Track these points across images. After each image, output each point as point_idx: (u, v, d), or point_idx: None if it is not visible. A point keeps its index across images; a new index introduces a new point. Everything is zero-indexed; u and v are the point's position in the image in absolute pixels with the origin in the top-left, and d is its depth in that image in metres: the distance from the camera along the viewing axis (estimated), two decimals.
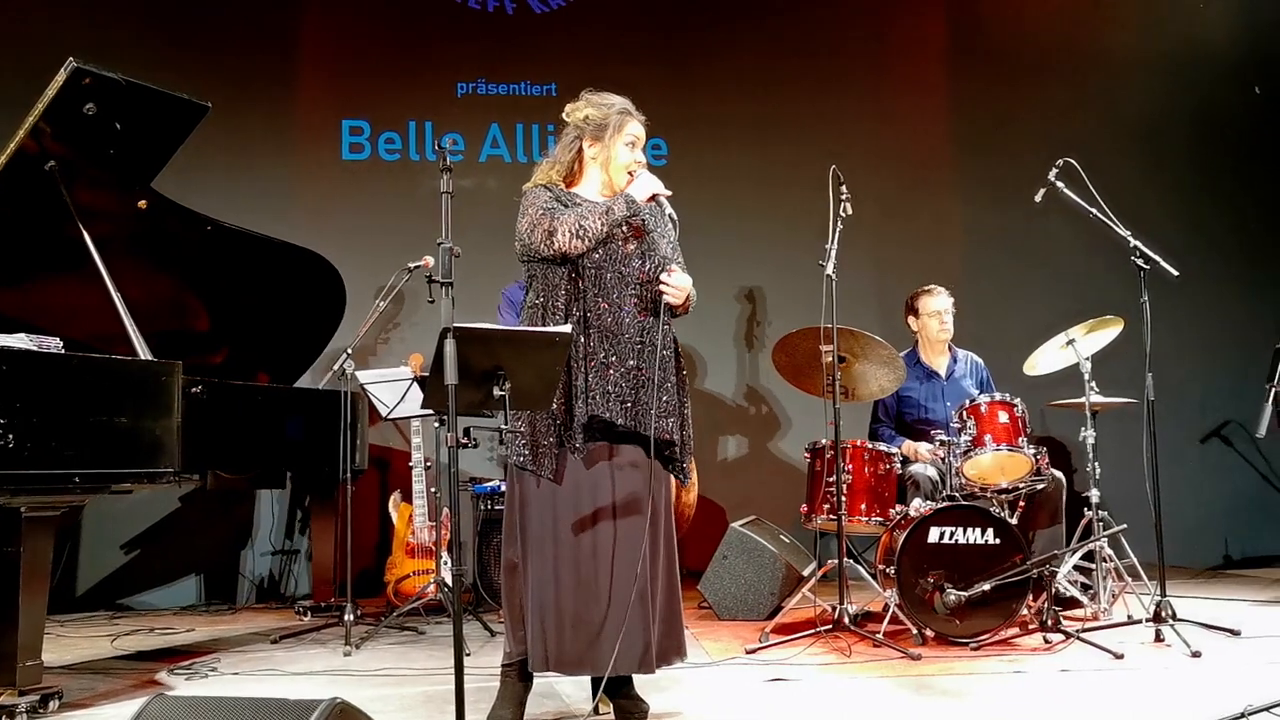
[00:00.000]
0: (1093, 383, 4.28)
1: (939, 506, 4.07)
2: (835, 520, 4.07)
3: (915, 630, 3.97)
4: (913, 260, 6.22)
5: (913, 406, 4.84)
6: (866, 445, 4.40)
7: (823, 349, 4.12)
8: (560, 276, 2.85)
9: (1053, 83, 6.56)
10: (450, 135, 6.03)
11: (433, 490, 4.94)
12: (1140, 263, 4.11)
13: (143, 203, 3.87)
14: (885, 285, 6.11)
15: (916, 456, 4.62)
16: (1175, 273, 4.12)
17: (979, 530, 3.99)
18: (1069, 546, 4.32)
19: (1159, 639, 3.84)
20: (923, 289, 4.93)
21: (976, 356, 5.02)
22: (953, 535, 3.99)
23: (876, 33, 6.57)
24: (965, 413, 4.29)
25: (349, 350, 4.49)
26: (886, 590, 4.11)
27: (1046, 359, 4.49)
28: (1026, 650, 3.85)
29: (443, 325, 2.52)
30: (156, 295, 4.17)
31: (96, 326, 3.64)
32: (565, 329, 2.70)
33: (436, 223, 2.67)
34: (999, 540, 3.97)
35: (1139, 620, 3.97)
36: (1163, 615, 3.88)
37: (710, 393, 6.23)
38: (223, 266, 4.37)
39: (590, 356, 2.82)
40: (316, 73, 6.16)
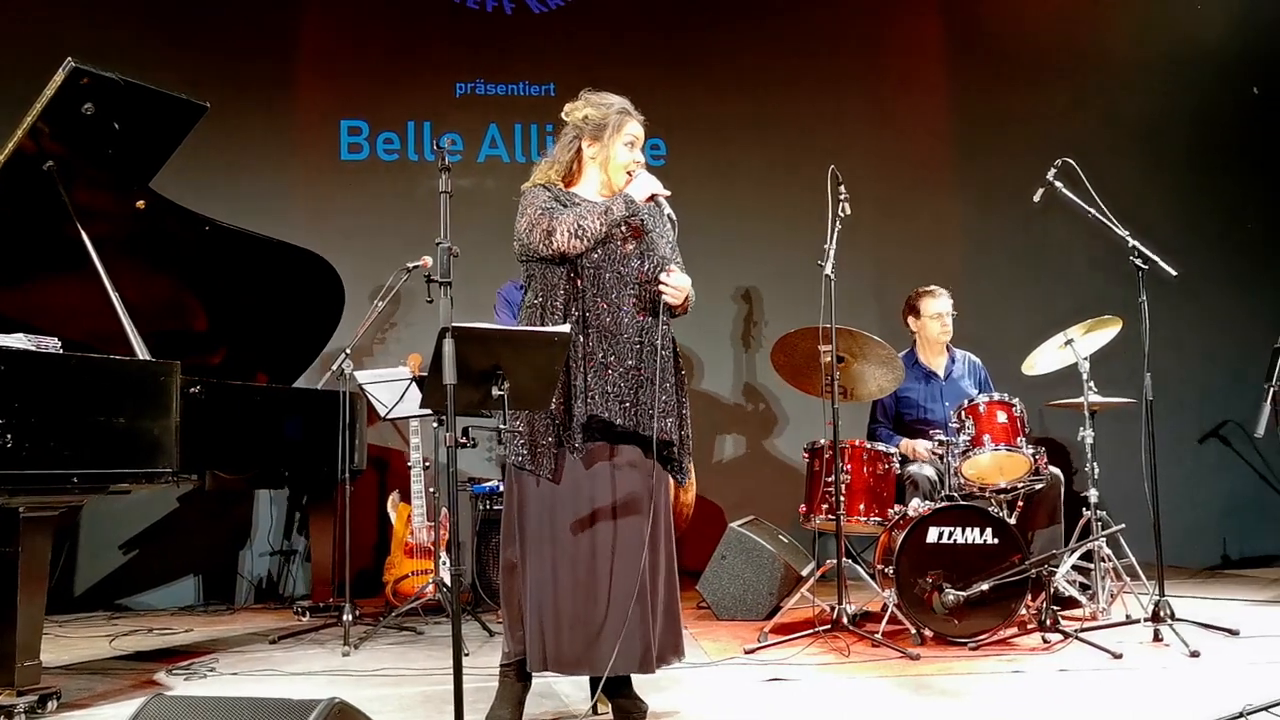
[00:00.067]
0: (1091, 383, 4.29)
1: (937, 506, 4.07)
2: (834, 520, 4.07)
3: (914, 630, 3.97)
4: (911, 260, 6.22)
5: (911, 407, 4.84)
6: (865, 445, 4.40)
7: (821, 349, 4.12)
8: (559, 276, 2.85)
9: (1051, 83, 6.56)
10: (449, 135, 5.94)
11: (431, 490, 4.94)
12: (1138, 263, 4.11)
13: (141, 203, 3.87)
14: (884, 285, 6.11)
15: (914, 455, 4.62)
16: (1174, 272, 4.12)
17: (978, 530, 3.99)
18: (1067, 546, 4.32)
19: (1157, 639, 3.84)
20: (924, 290, 4.92)
21: (975, 356, 5.02)
22: (951, 535, 3.99)
23: (875, 33, 6.57)
24: (964, 413, 4.29)
25: (347, 350, 4.48)
26: (885, 590, 4.11)
27: (1045, 359, 4.49)
28: (1025, 650, 3.85)
29: (441, 325, 2.52)
30: (155, 295, 4.16)
31: (95, 326, 3.64)
32: (564, 329, 2.69)
33: (435, 223, 2.67)
34: (997, 540, 3.98)
35: (1137, 620, 3.98)
36: (1161, 615, 3.89)
37: (709, 393, 6.23)
38: (221, 267, 4.37)
39: (589, 356, 2.82)
40: (315, 73, 6.16)
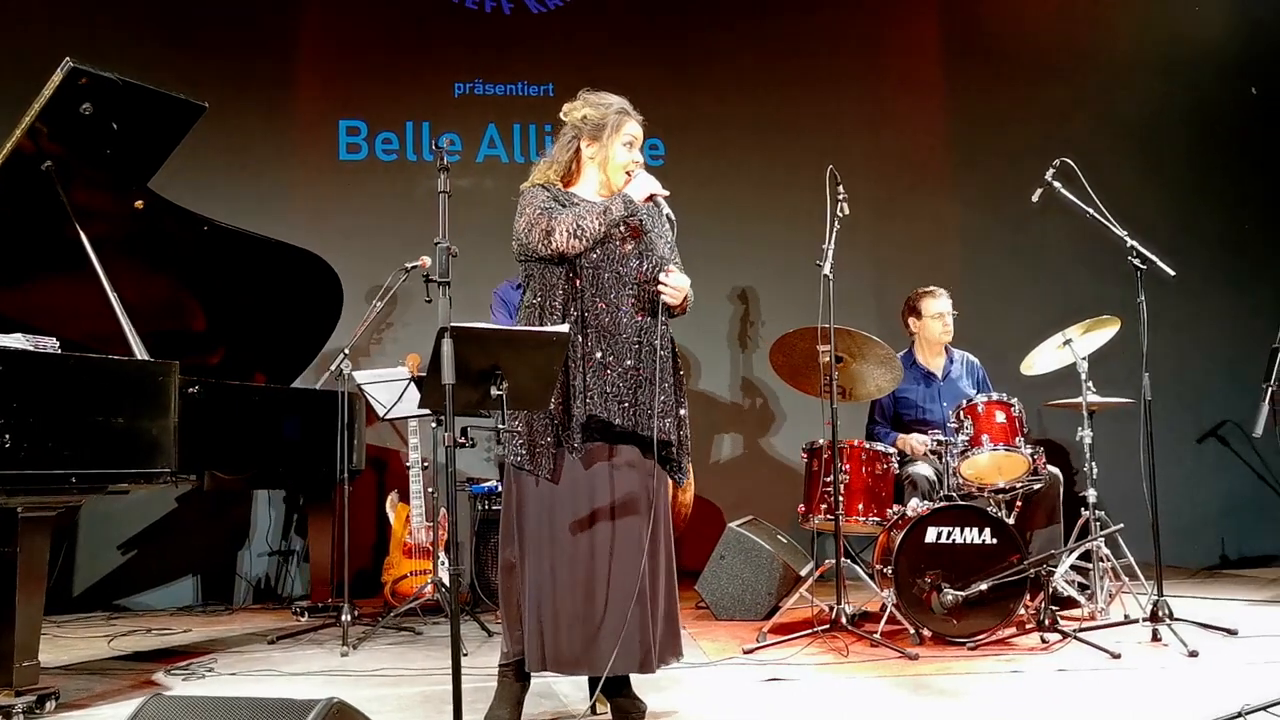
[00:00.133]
0: (1089, 382, 4.29)
1: (936, 506, 4.07)
2: (833, 520, 4.07)
3: (913, 630, 3.97)
4: (910, 260, 6.22)
5: (910, 407, 4.84)
6: (864, 445, 4.40)
7: (820, 349, 4.12)
8: (558, 276, 2.85)
9: (1050, 83, 6.57)
10: (447, 135, 5.94)
11: (430, 490, 4.94)
12: (1137, 263, 4.11)
13: (139, 203, 3.87)
14: (882, 285, 6.11)
15: (910, 449, 4.62)
16: (1172, 272, 4.12)
17: (976, 530, 3.99)
18: (1066, 546, 4.32)
19: (1156, 638, 3.85)
20: (924, 290, 4.91)
21: (973, 357, 5.02)
22: (950, 535, 3.99)
23: (874, 34, 6.58)
24: (962, 413, 4.29)
25: (346, 350, 4.48)
26: (884, 590, 4.11)
27: (1043, 359, 4.50)
28: (1024, 650, 3.85)
29: (440, 325, 2.51)
30: (153, 295, 4.16)
31: (93, 326, 3.63)
32: (563, 329, 2.69)
33: (434, 223, 2.67)
34: (996, 540, 3.98)
35: (1136, 620, 3.98)
36: (1160, 615, 3.89)
37: (707, 393, 6.23)
38: (220, 267, 4.37)
39: (588, 356, 2.82)
40: (314, 73, 6.16)
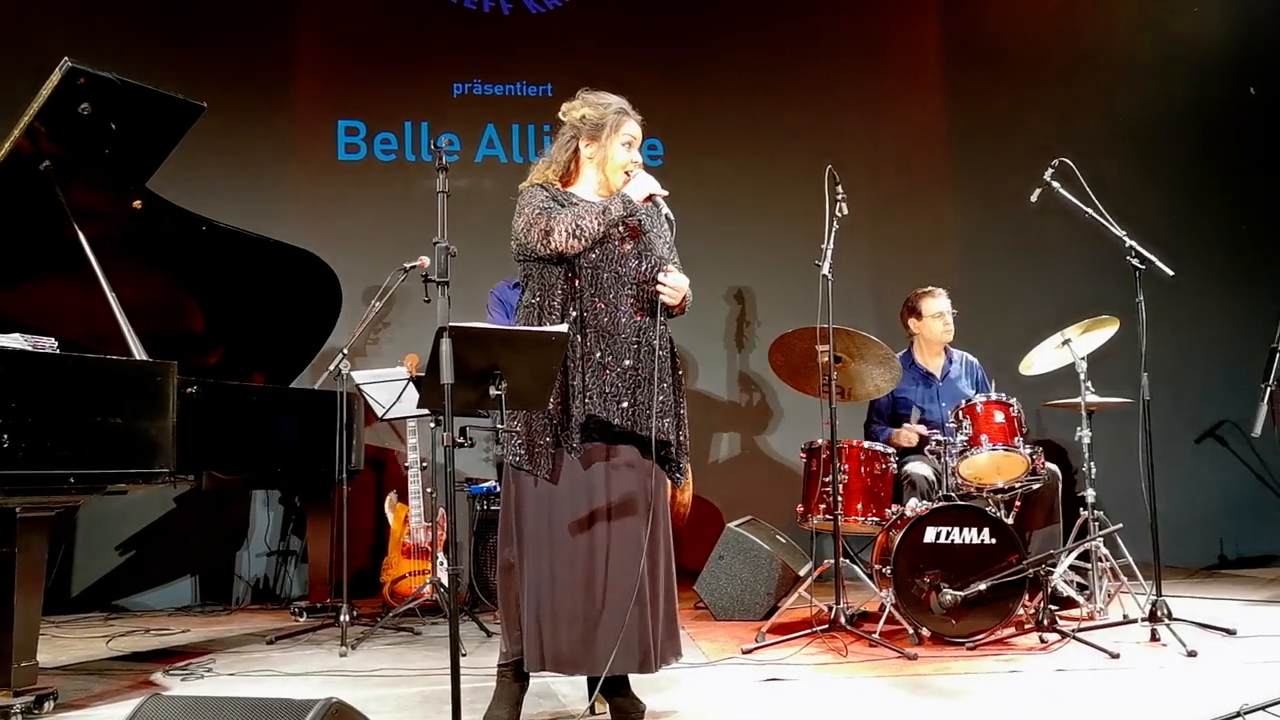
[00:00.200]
0: (1088, 382, 4.29)
1: (935, 506, 4.07)
2: (831, 520, 4.08)
3: (911, 630, 3.97)
4: (908, 260, 6.23)
5: (909, 408, 4.83)
6: (863, 445, 4.40)
7: (819, 349, 4.12)
8: (557, 276, 2.85)
9: (1048, 83, 6.57)
10: (446, 135, 6.03)
11: (429, 490, 4.94)
12: (1135, 262, 4.11)
13: (138, 203, 3.87)
14: (881, 285, 6.11)
15: (906, 440, 4.62)
16: (1170, 272, 4.11)
17: (975, 530, 3.99)
18: (1064, 546, 4.32)
19: (1155, 638, 3.85)
20: (924, 290, 4.91)
21: (972, 357, 5.02)
22: (949, 535, 3.99)
23: (873, 34, 6.58)
24: (961, 413, 4.29)
25: (345, 350, 4.48)
26: (883, 590, 4.11)
27: (1042, 359, 4.50)
28: (1022, 650, 3.85)
29: (439, 324, 2.51)
30: (151, 295, 4.16)
31: (91, 326, 3.63)
32: (562, 328, 2.69)
33: (432, 223, 2.67)
34: (995, 540, 3.98)
35: (1135, 620, 3.99)
36: (1158, 615, 3.89)
37: (706, 393, 6.23)
38: (218, 267, 4.36)
39: (587, 356, 2.82)
40: (312, 73, 6.15)
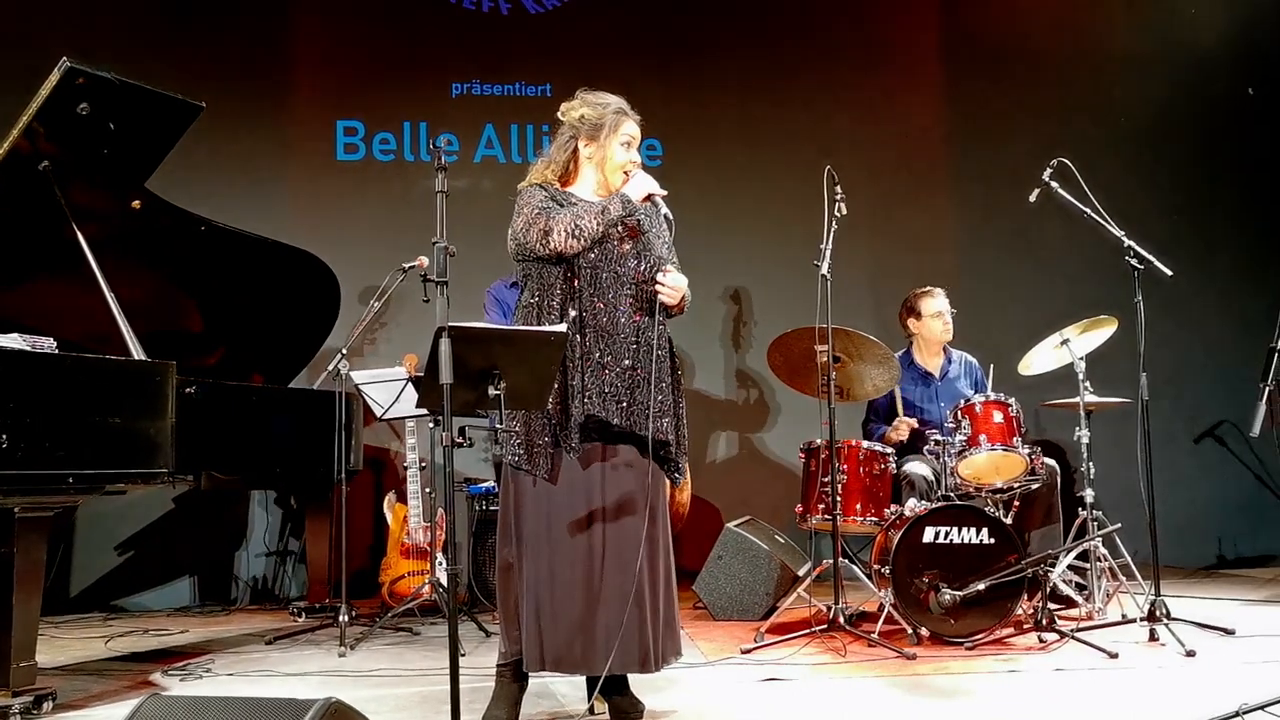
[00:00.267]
0: (1087, 383, 4.29)
1: (934, 506, 4.08)
2: (830, 520, 4.08)
3: (910, 630, 3.97)
4: (907, 261, 6.23)
5: (907, 408, 4.82)
6: (862, 445, 4.40)
7: (818, 349, 4.12)
8: (556, 276, 2.85)
9: (1047, 83, 6.57)
10: (445, 135, 6.03)
11: (427, 490, 4.94)
12: (1134, 262, 4.11)
13: (136, 203, 3.87)
14: (879, 285, 6.11)
15: (897, 436, 4.62)
16: (1169, 272, 4.11)
17: (974, 530, 3.99)
18: (1063, 546, 4.32)
19: (1153, 638, 3.85)
20: (922, 290, 4.92)
21: (970, 357, 5.03)
22: (948, 535, 3.99)
23: (871, 34, 6.58)
24: (960, 413, 4.29)
25: (344, 351, 4.48)
26: (881, 590, 4.11)
27: (1041, 359, 4.50)
28: (1021, 650, 3.85)
29: (438, 324, 2.51)
30: (150, 295, 4.16)
31: (90, 327, 3.63)
32: (561, 328, 2.69)
33: (431, 223, 2.66)
34: (994, 540, 3.98)
35: (1133, 619, 3.99)
36: (1157, 614, 3.89)
37: (705, 393, 6.23)
38: (217, 267, 4.37)
39: (586, 356, 2.82)
40: (311, 73, 6.15)
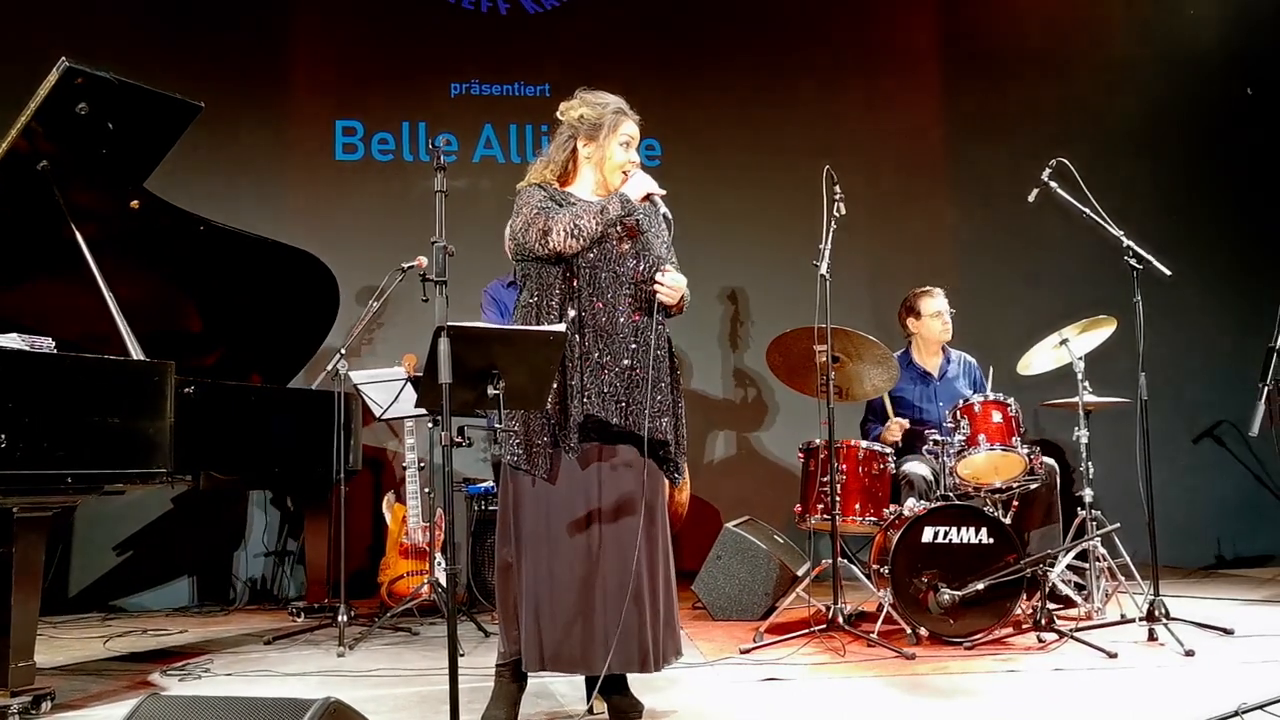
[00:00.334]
0: (1086, 382, 4.30)
1: (933, 506, 4.07)
2: (829, 520, 4.08)
3: (909, 630, 3.97)
4: (906, 261, 6.23)
5: (906, 407, 4.83)
6: (861, 445, 4.40)
7: (817, 349, 4.12)
8: (555, 276, 2.85)
9: (1046, 84, 6.58)
10: (444, 135, 6.04)
11: (426, 490, 4.93)
12: (1133, 262, 4.11)
13: (135, 203, 3.86)
14: (878, 285, 6.12)
15: (892, 435, 4.62)
16: (1168, 272, 4.12)
17: (973, 530, 3.99)
18: (1062, 546, 4.32)
19: (1152, 638, 3.85)
20: (922, 290, 4.92)
21: (970, 357, 5.03)
22: (947, 535, 3.99)
23: (871, 34, 6.58)
24: (959, 413, 4.29)
25: (342, 350, 4.48)
26: (881, 590, 4.11)
27: (1040, 359, 4.50)
28: (1020, 649, 3.85)
29: (437, 324, 2.51)
30: (149, 295, 4.15)
31: (89, 327, 3.63)
32: (560, 328, 2.69)
33: (430, 223, 2.66)
34: (993, 540, 3.98)
35: (1132, 619, 3.99)
36: (1156, 614, 3.89)
37: (704, 393, 6.23)
38: (216, 267, 4.36)
39: (585, 356, 2.82)
40: (310, 73, 6.15)
